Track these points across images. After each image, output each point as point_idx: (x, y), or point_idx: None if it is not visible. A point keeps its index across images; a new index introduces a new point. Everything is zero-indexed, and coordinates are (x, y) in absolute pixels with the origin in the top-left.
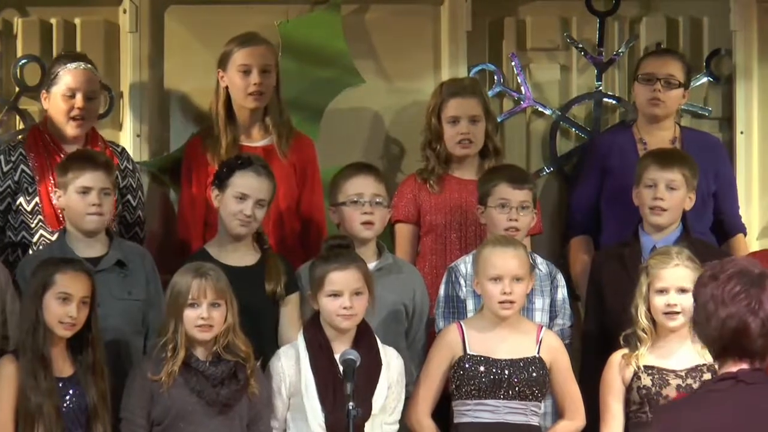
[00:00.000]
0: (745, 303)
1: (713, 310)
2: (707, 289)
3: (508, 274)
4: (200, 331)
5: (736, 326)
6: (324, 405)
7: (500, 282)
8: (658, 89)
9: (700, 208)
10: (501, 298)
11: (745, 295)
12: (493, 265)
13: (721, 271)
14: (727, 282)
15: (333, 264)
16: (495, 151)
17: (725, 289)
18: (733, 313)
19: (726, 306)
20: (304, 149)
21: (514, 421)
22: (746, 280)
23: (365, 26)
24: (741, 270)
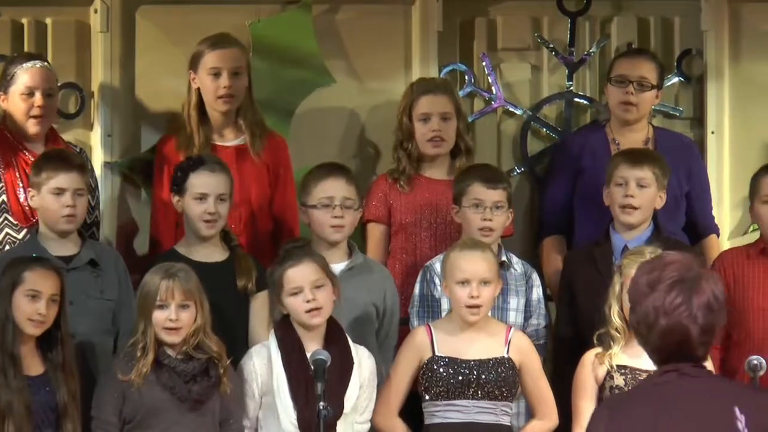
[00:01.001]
0: (686, 314)
1: (654, 320)
2: (647, 299)
3: (475, 277)
4: (168, 334)
5: (678, 337)
6: (296, 404)
7: (468, 285)
8: (631, 91)
9: (672, 208)
10: (469, 302)
11: (685, 306)
12: (461, 269)
13: (658, 279)
14: (667, 292)
15: (287, 262)
16: (466, 150)
17: (666, 300)
18: (673, 324)
19: (667, 316)
20: (277, 149)
21: (484, 421)
22: (685, 288)
23: (336, 26)
24: (678, 277)
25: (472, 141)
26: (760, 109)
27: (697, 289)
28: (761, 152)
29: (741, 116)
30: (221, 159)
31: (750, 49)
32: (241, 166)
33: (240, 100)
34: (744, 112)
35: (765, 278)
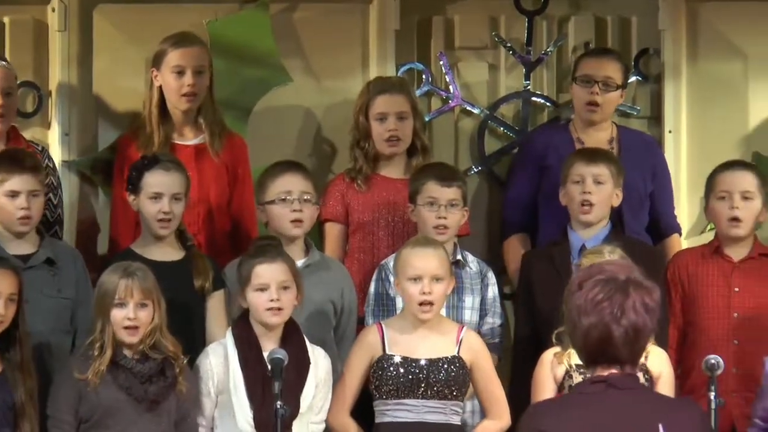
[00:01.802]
0: (608, 311)
1: (577, 319)
2: (573, 297)
3: (427, 273)
4: (128, 334)
5: (600, 335)
6: (252, 403)
7: (420, 282)
8: (596, 91)
9: (637, 207)
10: (420, 298)
11: (608, 303)
12: (413, 266)
13: (586, 278)
14: (590, 290)
15: (259, 258)
16: (423, 149)
17: (588, 297)
18: (595, 323)
19: (588, 315)
20: (236, 149)
21: (433, 421)
22: (610, 287)
23: (294, 25)
24: (607, 277)
25: (429, 140)
26: (718, 108)
27: (624, 289)
28: (718, 151)
29: (698, 115)
30: (177, 158)
31: (707, 48)
32: (200, 165)
33: (202, 98)
34: (701, 111)
35: (720, 278)
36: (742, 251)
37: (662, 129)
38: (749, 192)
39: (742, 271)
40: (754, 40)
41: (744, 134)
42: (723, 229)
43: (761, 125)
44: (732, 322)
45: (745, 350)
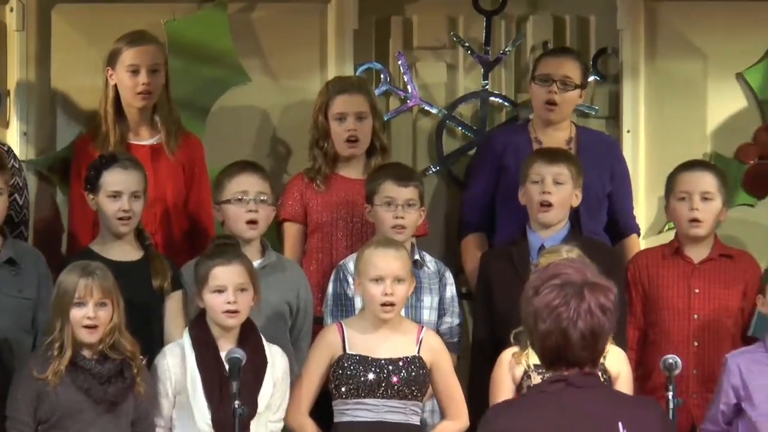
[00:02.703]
0: (565, 316)
1: (534, 324)
2: (529, 303)
3: (389, 275)
4: (87, 333)
5: (557, 340)
6: (210, 403)
7: (381, 283)
8: (554, 90)
9: (595, 208)
10: (382, 299)
11: (564, 308)
12: (375, 266)
13: (542, 283)
14: (546, 295)
15: (217, 259)
16: (382, 149)
17: (544, 302)
18: (552, 328)
19: (545, 321)
20: (192, 148)
21: (393, 420)
22: (566, 292)
23: (252, 24)
24: (563, 282)
25: (388, 140)
26: (676, 108)
27: (579, 294)
28: (677, 151)
29: (657, 115)
30: (135, 157)
31: (666, 48)
32: (156, 165)
33: (157, 96)
34: (660, 111)
35: (680, 278)
36: (703, 252)
37: (620, 129)
38: (709, 193)
39: (702, 272)
40: (712, 39)
41: (703, 134)
42: (683, 229)
43: (720, 125)
44: (692, 323)
45: (705, 352)
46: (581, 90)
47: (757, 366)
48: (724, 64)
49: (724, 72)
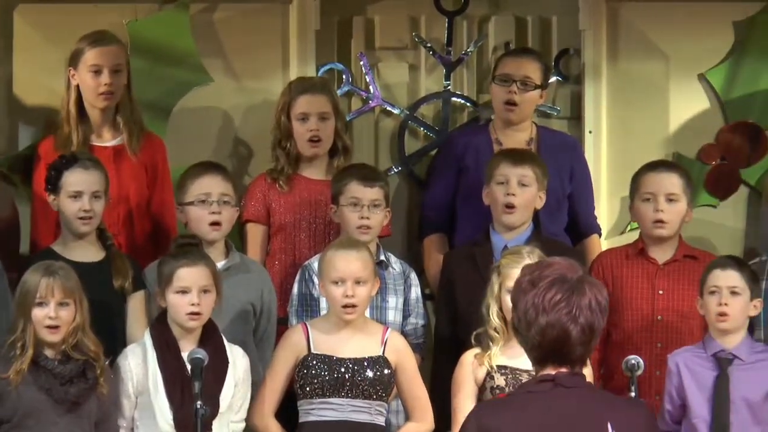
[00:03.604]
0: (566, 311)
1: (534, 317)
2: (527, 296)
3: (350, 276)
4: (49, 333)
5: (557, 334)
6: (172, 403)
7: (342, 285)
8: (514, 91)
9: (554, 209)
10: (343, 301)
11: (565, 303)
12: (335, 268)
13: (539, 278)
14: (547, 289)
15: (182, 260)
16: (344, 150)
17: (546, 296)
18: (553, 321)
19: (546, 314)
20: (154, 149)
21: (358, 420)
22: (566, 287)
23: (214, 25)
24: (560, 276)
25: (350, 140)
26: (638, 109)
27: (579, 289)
28: (639, 151)
29: (619, 115)
30: (96, 157)
31: (628, 49)
32: (119, 166)
33: (119, 96)
34: (622, 112)
35: (643, 278)
36: (667, 253)
37: (582, 129)
38: (674, 194)
39: (666, 273)
40: (674, 40)
41: (665, 135)
42: (647, 230)
43: (682, 126)
44: (656, 324)
45: (668, 353)
46: (541, 90)
47: (695, 366)
48: (686, 64)
49: (687, 73)
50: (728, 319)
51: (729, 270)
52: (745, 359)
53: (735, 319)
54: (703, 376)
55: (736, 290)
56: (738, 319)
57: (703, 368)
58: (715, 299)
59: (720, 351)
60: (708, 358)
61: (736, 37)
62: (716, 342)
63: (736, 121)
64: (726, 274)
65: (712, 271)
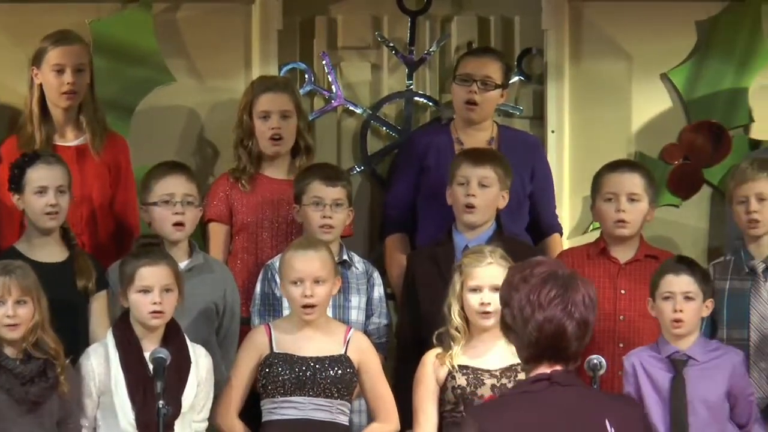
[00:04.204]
0: (562, 306)
1: (530, 313)
2: (521, 293)
3: (309, 276)
4: (8, 331)
5: (554, 330)
6: (134, 403)
7: (301, 285)
8: (475, 90)
9: (515, 208)
10: (303, 301)
11: (561, 299)
12: (294, 268)
13: (531, 274)
14: (542, 285)
15: (143, 260)
16: (306, 149)
17: (542, 292)
18: (550, 317)
19: (543, 310)
20: (117, 148)
21: (319, 419)
22: (560, 283)
23: (176, 24)
24: (552, 273)
25: (312, 140)
26: (600, 109)
27: (572, 285)
28: (601, 151)
29: (581, 115)
30: (57, 154)
31: (590, 49)
32: (82, 166)
33: (82, 96)
34: (584, 112)
35: (605, 278)
36: (628, 253)
37: (545, 129)
38: (636, 194)
39: (628, 273)
40: (637, 40)
41: (627, 135)
42: (609, 229)
43: (644, 126)
44: (618, 324)
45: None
46: (502, 90)
47: (650, 368)
48: (649, 64)
49: (649, 72)
50: (683, 325)
51: (683, 275)
52: (700, 359)
53: (689, 324)
54: (659, 378)
55: (690, 295)
56: (692, 323)
57: (658, 370)
58: (669, 305)
59: (674, 352)
60: (663, 359)
61: (699, 36)
62: (670, 344)
63: (698, 120)
64: (680, 280)
65: (665, 276)
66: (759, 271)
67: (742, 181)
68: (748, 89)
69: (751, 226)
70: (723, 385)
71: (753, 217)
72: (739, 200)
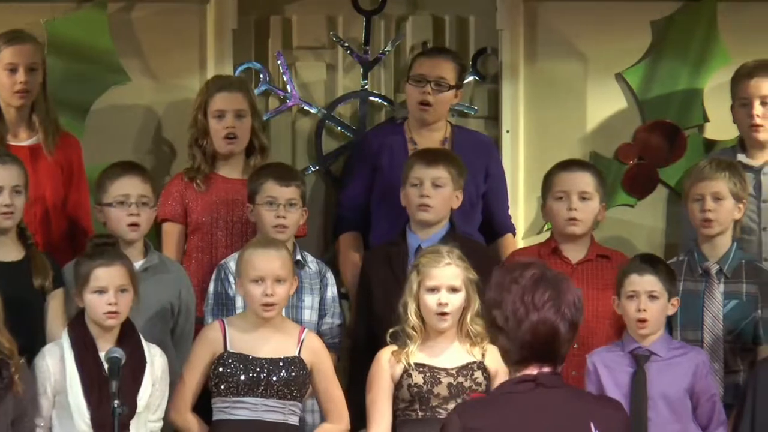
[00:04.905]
0: (554, 309)
1: (524, 315)
2: (513, 294)
3: (270, 275)
4: None
5: (548, 331)
6: (89, 403)
7: (262, 284)
8: (428, 91)
9: (468, 208)
10: (263, 300)
11: (554, 301)
12: (255, 267)
13: (521, 275)
14: (535, 287)
15: (98, 260)
16: (261, 148)
17: (535, 294)
18: (545, 319)
19: (538, 311)
20: (70, 148)
21: (271, 420)
22: (552, 285)
23: (131, 24)
24: (542, 274)
25: (267, 139)
26: (555, 108)
27: (562, 287)
28: (555, 151)
29: (536, 115)
30: (12, 153)
31: (545, 49)
32: (35, 166)
33: (35, 95)
34: (539, 111)
35: None
36: (580, 252)
37: (500, 129)
38: (587, 193)
39: (579, 273)
40: (592, 39)
41: (582, 134)
42: (560, 228)
43: (599, 125)
44: None
45: (584, 354)
46: (456, 90)
47: (612, 364)
48: (603, 64)
49: (604, 72)
50: (648, 324)
51: (646, 275)
52: (662, 356)
53: (654, 323)
54: (621, 373)
55: (655, 294)
56: (657, 322)
57: (620, 365)
58: (633, 304)
59: (637, 348)
60: (625, 355)
61: (654, 36)
62: (634, 341)
63: (653, 120)
64: (644, 280)
65: (630, 275)
66: (712, 273)
67: (700, 179)
68: (703, 89)
69: (704, 226)
70: (684, 381)
71: (707, 217)
72: (695, 198)
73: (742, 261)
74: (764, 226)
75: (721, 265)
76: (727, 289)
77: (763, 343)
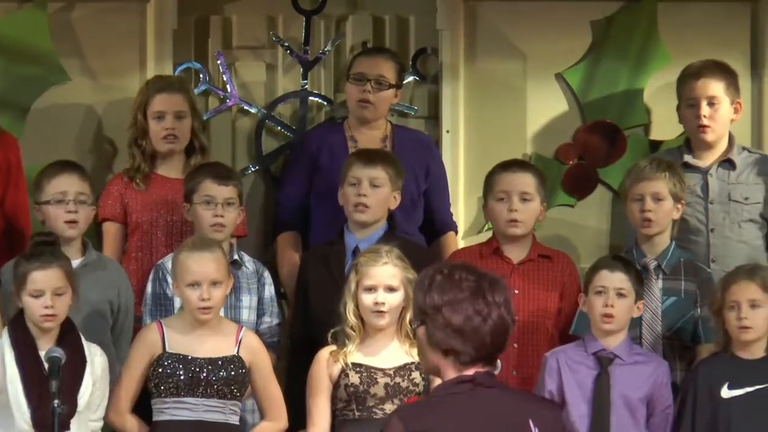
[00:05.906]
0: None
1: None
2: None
3: (205, 279)
4: None
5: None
6: (30, 402)
7: (198, 288)
8: (368, 90)
9: (409, 207)
10: (200, 304)
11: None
12: (190, 271)
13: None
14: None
15: (35, 263)
16: (201, 148)
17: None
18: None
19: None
20: (8, 147)
21: (212, 420)
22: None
23: (71, 24)
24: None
25: (207, 139)
26: (495, 108)
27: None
28: (496, 151)
29: (476, 115)
30: None
31: (485, 49)
32: None
33: None
34: (479, 111)
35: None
36: (521, 252)
37: (440, 129)
38: (528, 194)
39: (521, 272)
40: (532, 39)
41: (522, 134)
42: (501, 229)
43: (540, 126)
44: None
45: (525, 353)
46: (396, 89)
47: (575, 364)
48: (543, 64)
49: (544, 72)
50: (613, 320)
51: (617, 272)
52: (625, 359)
53: (619, 321)
54: (583, 374)
55: (623, 292)
56: (622, 320)
57: (583, 366)
58: (601, 300)
59: (601, 350)
60: (588, 356)
61: (594, 36)
62: (597, 341)
63: (593, 120)
64: (613, 276)
65: (600, 271)
66: (651, 269)
67: (640, 179)
68: (644, 90)
69: (644, 226)
70: (643, 388)
71: (647, 216)
72: (635, 198)
73: (681, 259)
74: (711, 228)
75: (660, 262)
76: (665, 286)
77: (703, 342)
